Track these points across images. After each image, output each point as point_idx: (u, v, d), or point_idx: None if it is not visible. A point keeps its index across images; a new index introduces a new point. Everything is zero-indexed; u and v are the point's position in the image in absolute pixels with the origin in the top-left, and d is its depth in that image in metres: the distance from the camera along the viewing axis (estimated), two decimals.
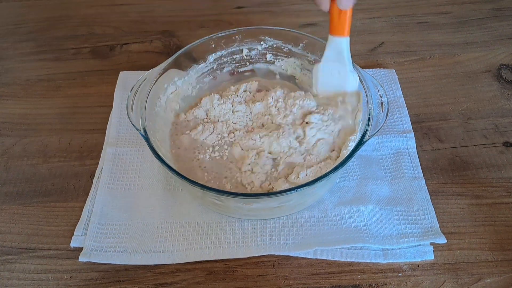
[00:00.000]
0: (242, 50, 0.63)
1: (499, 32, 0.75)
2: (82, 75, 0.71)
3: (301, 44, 0.61)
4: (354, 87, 0.54)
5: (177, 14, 0.82)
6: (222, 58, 0.63)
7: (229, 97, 0.60)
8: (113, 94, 0.66)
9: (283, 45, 0.62)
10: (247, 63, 0.65)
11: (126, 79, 0.68)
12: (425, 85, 0.68)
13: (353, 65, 0.53)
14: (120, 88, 0.67)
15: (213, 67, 0.63)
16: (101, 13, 0.83)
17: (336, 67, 0.53)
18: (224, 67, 0.64)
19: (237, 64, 0.64)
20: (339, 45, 0.52)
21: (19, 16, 0.83)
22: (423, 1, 0.82)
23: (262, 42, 0.62)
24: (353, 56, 0.53)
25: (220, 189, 0.45)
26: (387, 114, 0.50)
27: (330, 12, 0.49)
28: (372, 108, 0.50)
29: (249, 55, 0.64)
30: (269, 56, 0.64)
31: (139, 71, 0.69)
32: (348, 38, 0.51)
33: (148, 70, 0.56)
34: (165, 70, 0.56)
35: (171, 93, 0.59)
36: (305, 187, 0.44)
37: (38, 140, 0.63)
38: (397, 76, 0.68)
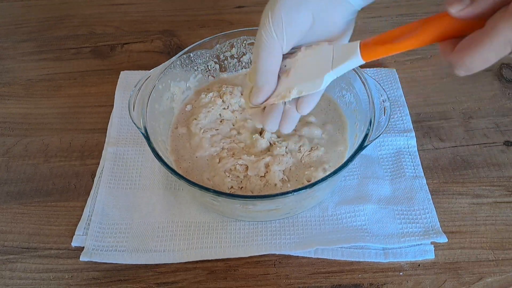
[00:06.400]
0: (247, 51, 0.63)
1: None
2: (82, 74, 0.71)
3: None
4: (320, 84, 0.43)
5: (178, 14, 0.82)
6: (226, 58, 0.63)
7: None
8: (114, 94, 0.66)
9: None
10: (251, 64, 0.64)
11: (127, 78, 0.68)
12: (426, 84, 0.68)
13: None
14: (121, 87, 0.67)
15: (216, 68, 0.63)
16: (102, 12, 0.83)
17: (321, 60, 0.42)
18: (228, 66, 0.64)
19: (240, 65, 0.64)
20: (350, 57, 0.41)
21: (19, 16, 0.83)
22: (424, 0, 0.82)
23: None
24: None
25: (217, 190, 0.45)
26: (389, 119, 0.50)
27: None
28: (374, 113, 0.50)
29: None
30: None
31: (140, 71, 0.69)
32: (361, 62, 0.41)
33: (149, 69, 0.56)
34: (168, 69, 0.56)
35: (174, 92, 0.59)
36: (303, 190, 0.44)
37: (39, 139, 0.63)
38: (397, 76, 0.67)
